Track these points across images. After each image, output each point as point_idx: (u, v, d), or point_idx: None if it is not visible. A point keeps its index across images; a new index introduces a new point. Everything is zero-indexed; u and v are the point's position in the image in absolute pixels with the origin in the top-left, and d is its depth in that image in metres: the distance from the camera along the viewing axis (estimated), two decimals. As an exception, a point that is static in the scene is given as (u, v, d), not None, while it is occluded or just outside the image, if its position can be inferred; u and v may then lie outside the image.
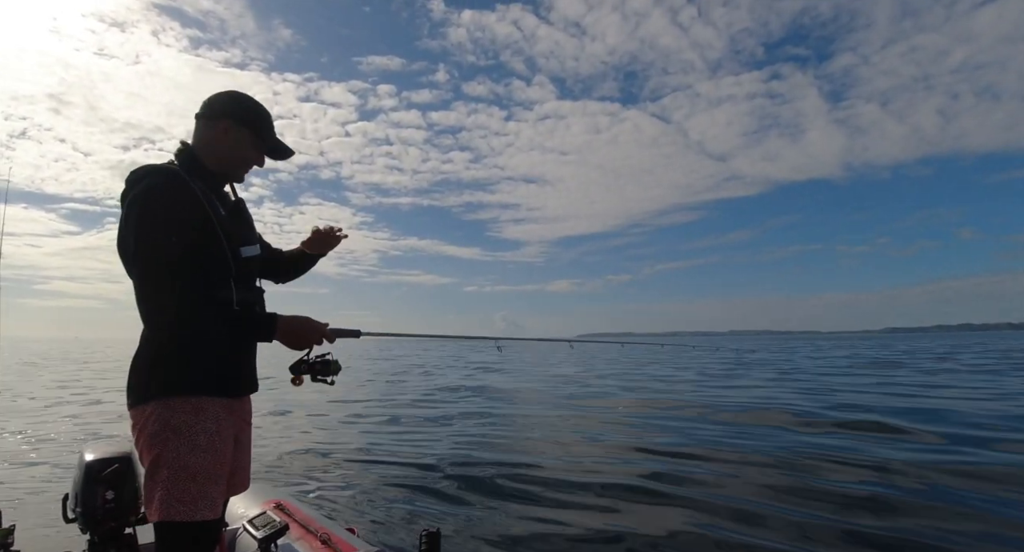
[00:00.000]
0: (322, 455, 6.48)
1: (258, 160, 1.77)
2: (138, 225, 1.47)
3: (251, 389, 1.76)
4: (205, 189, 1.61)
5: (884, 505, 4.29)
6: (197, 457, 1.48)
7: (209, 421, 1.53)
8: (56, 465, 5.92)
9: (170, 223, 1.47)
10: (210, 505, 1.49)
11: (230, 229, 1.63)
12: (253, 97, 1.75)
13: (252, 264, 1.73)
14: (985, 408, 9.23)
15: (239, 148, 1.70)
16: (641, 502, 4.52)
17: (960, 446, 6.32)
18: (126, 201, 1.52)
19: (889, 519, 3.99)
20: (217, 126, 1.67)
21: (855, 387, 13.25)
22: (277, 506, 2.48)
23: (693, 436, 7.27)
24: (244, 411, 1.75)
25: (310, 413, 9.92)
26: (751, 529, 3.88)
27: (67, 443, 7.25)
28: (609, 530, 3.91)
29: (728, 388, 13.71)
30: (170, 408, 1.49)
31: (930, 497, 4.47)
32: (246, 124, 1.69)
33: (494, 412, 10.03)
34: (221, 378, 1.60)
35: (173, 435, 1.47)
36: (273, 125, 1.77)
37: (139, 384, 1.54)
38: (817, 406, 9.71)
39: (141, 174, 1.54)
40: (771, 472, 5.30)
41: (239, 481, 1.74)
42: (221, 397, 1.59)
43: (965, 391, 12.07)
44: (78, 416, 9.34)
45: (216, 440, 1.53)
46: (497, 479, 5.26)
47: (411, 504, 4.55)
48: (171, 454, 1.46)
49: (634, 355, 31.83)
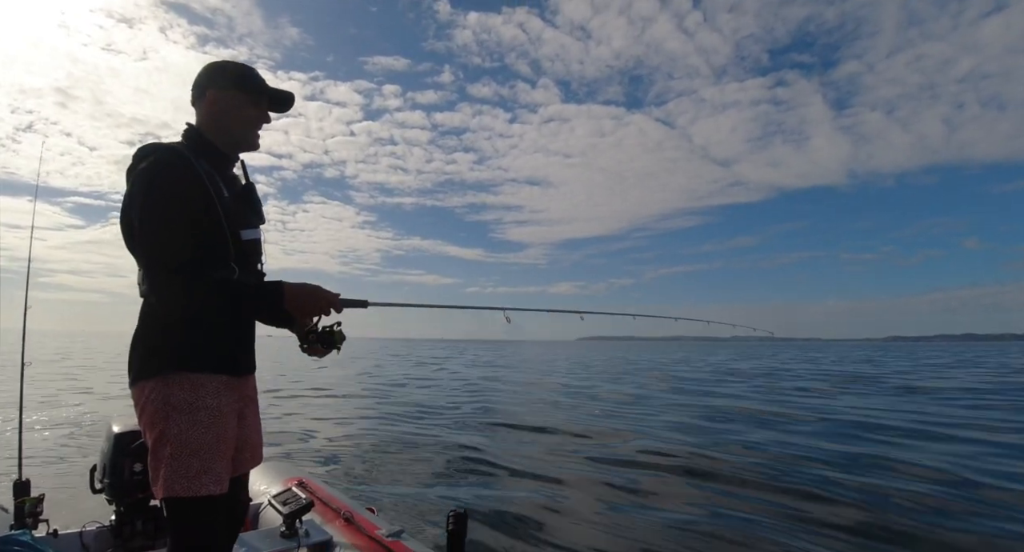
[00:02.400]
0: (344, 434, 6.69)
1: (261, 116, 1.73)
2: (141, 201, 1.47)
3: (249, 369, 1.74)
4: (210, 169, 1.61)
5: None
6: (199, 432, 1.48)
7: (209, 397, 1.52)
8: (83, 436, 6.07)
9: (171, 200, 1.47)
10: (215, 479, 1.49)
11: (232, 210, 1.62)
12: (231, 60, 1.73)
13: (252, 247, 1.70)
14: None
15: (233, 111, 1.67)
16: (676, 489, 4.55)
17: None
18: (130, 177, 1.53)
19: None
20: (206, 100, 1.66)
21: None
22: (300, 484, 2.49)
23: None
24: (247, 388, 1.74)
25: (326, 394, 10.10)
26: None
27: (92, 418, 7.43)
28: (643, 518, 3.95)
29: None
30: (169, 385, 1.49)
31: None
32: (231, 86, 1.66)
33: (510, 401, 10.10)
34: (220, 355, 1.59)
35: (174, 412, 1.47)
36: (260, 77, 1.72)
37: (138, 362, 1.54)
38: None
39: (148, 151, 1.54)
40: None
41: (250, 457, 1.74)
42: (220, 374, 1.58)
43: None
44: (98, 393, 9.64)
45: (217, 416, 1.53)
46: (519, 465, 5.32)
47: (429, 486, 4.59)
48: (173, 430, 1.46)
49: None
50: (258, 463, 1.79)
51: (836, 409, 9.88)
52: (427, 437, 6.76)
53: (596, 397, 11.58)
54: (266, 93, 1.73)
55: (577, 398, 11.26)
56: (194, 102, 1.69)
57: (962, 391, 13.36)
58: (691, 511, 4.15)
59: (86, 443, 5.76)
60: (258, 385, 1.82)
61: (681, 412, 9.48)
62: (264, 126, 1.77)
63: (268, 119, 1.75)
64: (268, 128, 1.81)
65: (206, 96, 1.66)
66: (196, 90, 1.68)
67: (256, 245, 1.72)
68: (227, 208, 1.59)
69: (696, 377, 18.83)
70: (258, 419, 1.81)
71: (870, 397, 11.99)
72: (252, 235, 1.69)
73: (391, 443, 6.33)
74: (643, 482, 4.86)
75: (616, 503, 4.32)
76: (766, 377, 18.92)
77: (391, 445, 6.17)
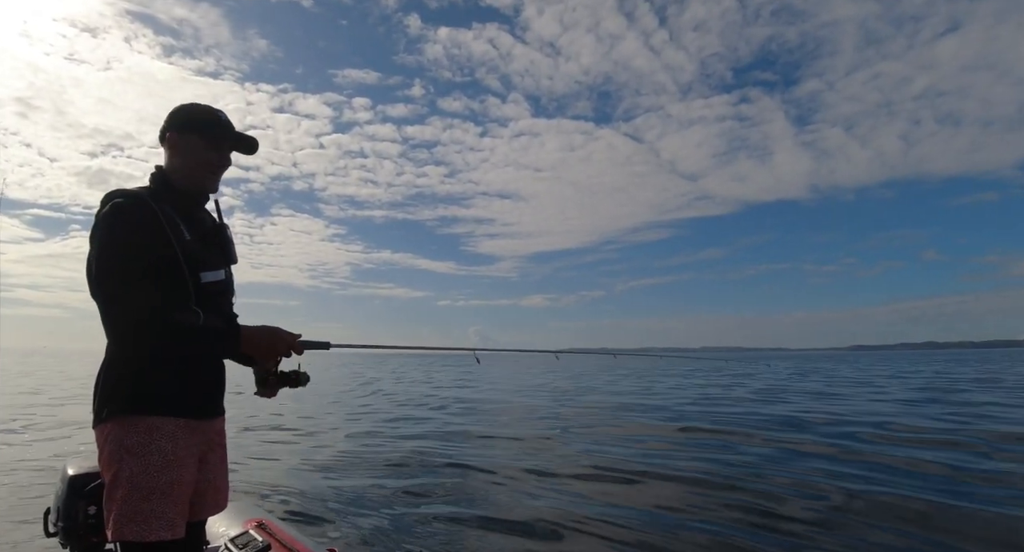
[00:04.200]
0: (301, 473, 6.38)
1: (219, 161, 1.73)
2: (99, 246, 1.49)
3: (214, 412, 1.72)
4: (171, 212, 1.60)
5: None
6: (151, 477, 1.48)
7: (164, 440, 1.52)
8: (38, 477, 5.78)
9: (129, 246, 1.48)
10: (166, 525, 1.47)
11: (192, 253, 1.61)
12: (197, 103, 1.75)
13: (216, 288, 1.69)
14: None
15: (192, 155, 1.68)
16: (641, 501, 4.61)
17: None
18: (94, 223, 1.54)
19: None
20: (169, 143, 1.69)
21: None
22: (259, 525, 2.47)
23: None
24: (212, 432, 1.72)
25: (285, 429, 9.76)
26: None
27: (48, 457, 7.07)
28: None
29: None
30: (125, 428, 1.50)
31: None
32: (190, 130, 1.68)
33: (478, 429, 9.97)
34: (178, 398, 1.58)
35: (127, 455, 1.48)
36: (224, 122, 1.73)
37: (99, 404, 1.56)
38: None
39: (110, 196, 1.56)
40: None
41: (212, 501, 1.73)
42: (178, 417, 1.56)
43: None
44: (56, 425, 9.20)
45: (172, 460, 1.52)
46: (484, 498, 5.22)
47: (392, 523, 4.50)
48: (126, 473, 1.47)
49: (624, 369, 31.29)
50: (222, 509, 1.78)
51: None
52: (395, 470, 6.54)
53: (560, 416, 11.59)
54: (228, 138, 1.74)
55: (544, 421, 11.26)
56: (161, 142, 1.73)
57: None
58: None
59: (40, 484, 5.48)
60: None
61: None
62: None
63: (228, 163, 1.76)
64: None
65: (168, 139, 1.69)
66: (161, 132, 1.72)
67: (220, 286, 1.71)
68: (187, 251, 1.59)
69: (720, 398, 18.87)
70: (224, 463, 1.80)
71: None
72: (214, 277, 1.68)
73: (351, 478, 6.08)
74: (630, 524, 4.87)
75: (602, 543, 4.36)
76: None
77: (351, 481, 5.95)
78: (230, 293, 1.79)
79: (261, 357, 1.68)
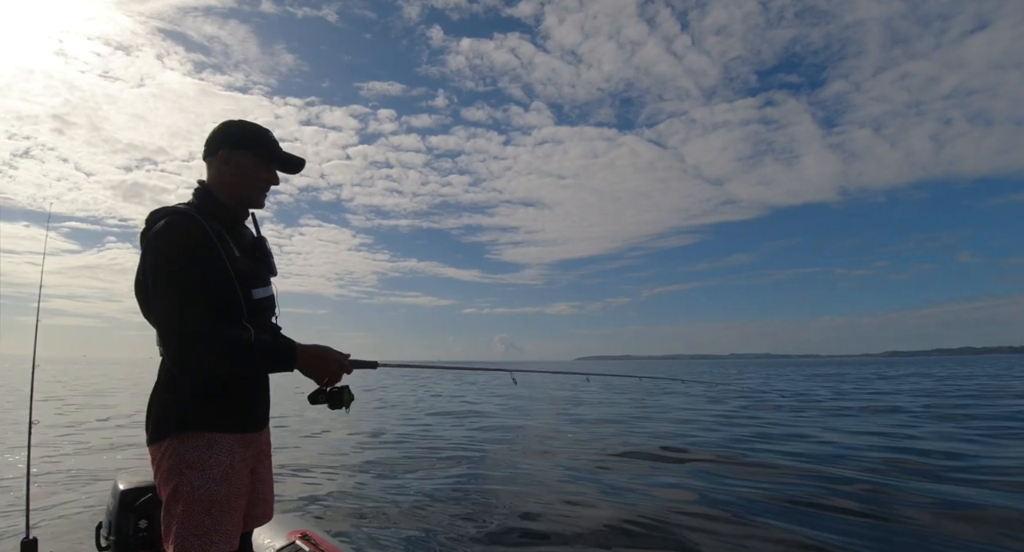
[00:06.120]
0: (347, 485, 6.32)
1: (269, 178, 1.75)
2: (154, 266, 1.49)
3: (263, 423, 1.76)
4: (219, 228, 1.61)
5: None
6: (210, 490, 1.50)
7: (223, 455, 1.55)
8: (89, 494, 5.84)
9: (183, 265, 1.48)
10: (225, 538, 1.50)
11: (243, 270, 1.62)
12: (245, 119, 1.74)
13: (266, 304, 1.72)
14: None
15: (243, 172, 1.69)
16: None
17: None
18: (143, 241, 1.55)
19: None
20: (218, 159, 1.68)
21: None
22: (304, 537, 2.50)
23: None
24: (261, 443, 1.75)
25: (332, 444, 9.64)
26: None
27: (99, 469, 7.14)
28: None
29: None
30: (184, 444, 1.51)
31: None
32: (242, 146, 1.68)
33: (534, 447, 9.28)
34: (234, 413, 1.61)
35: (187, 469, 1.50)
36: (273, 140, 1.75)
37: (156, 421, 1.57)
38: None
39: (160, 215, 1.57)
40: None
41: (260, 513, 1.74)
42: (234, 432, 1.59)
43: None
44: (107, 438, 9.37)
45: (230, 473, 1.55)
46: (539, 516, 5.00)
47: (438, 538, 4.42)
48: (186, 488, 1.49)
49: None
50: (268, 520, 1.79)
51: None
52: (440, 482, 6.40)
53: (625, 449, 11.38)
54: (277, 157, 1.76)
55: (585, 432, 11.08)
56: (206, 157, 1.73)
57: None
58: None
59: (93, 498, 5.56)
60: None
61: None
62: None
63: (277, 181, 1.78)
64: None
65: (219, 155, 1.68)
66: (209, 146, 1.71)
67: (269, 301, 1.74)
68: (239, 268, 1.61)
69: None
70: (270, 473, 1.83)
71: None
72: (264, 293, 1.71)
73: (399, 490, 6.01)
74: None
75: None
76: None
77: (397, 493, 5.88)
78: (274, 306, 1.81)
79: (313, 376, 1.69)
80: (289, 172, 1.83)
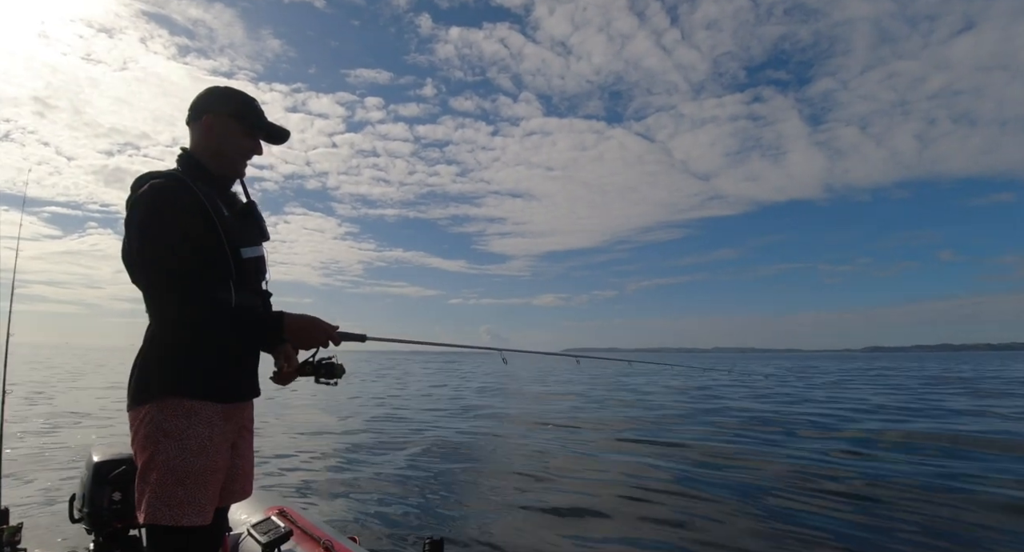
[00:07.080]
0: (324, 463, 6.48)
1: (252, 146, 1.72)
2: (141, 228, 1.46)
3: (252, 394, 1.72)
4: (208, 190, 1.59)
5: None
6: (187, 461, 1.46)
7: (202, 426, 1.50)
8: (64, 466, 5.88)
9: (172, 225, 1.45)
10: (197, 511, 1.46)
11: (232, 228, 1.60)
12: (232, 87, 1.71)
13: (254, 265, 1.67)
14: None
15: (227, 138, 1.66)
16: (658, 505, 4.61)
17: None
18: (129, 205, 1.51)
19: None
20: (202, 124, 1.64)
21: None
22: (280, 513, 2.49)
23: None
24: (244, 417, 1.71)
25: (310, 420, 9.85)
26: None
27: (74, 441, 7.20)
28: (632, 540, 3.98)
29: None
30: (164, 411, 1.47)
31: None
32: (228, 114, 1.65)
33: (498, 423, 9.99)
34: (218, 383, 1.56)
35: (164, 438, 1.45)
36: (259, 109, 1.72)
37: (137, 386, 1.52)
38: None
39: (144, 179, 1.53)
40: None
41: (239, 488, 1.71)
42: (217, 402, 1.55)
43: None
44: (78, 415, 9.43)
45: (208, 445, 1.50)
46: (503, 488, 5.29)
47: (413, 513, 4.55)
48: (161, 457, 1.45)
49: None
50: (247, 496, 1.75)
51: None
52: (415, 460, 6.66)
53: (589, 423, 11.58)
54: (263, 126, 1.73)
55: (570, 417, 11.25)
56: (189, 122, 1.69)
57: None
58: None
59: (66, 470, 5.60)
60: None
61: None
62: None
63: (260, 151, 1.75)
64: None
65: (202, 120, 1.65)
66: (193, 111, 1.67)
67: (258, 263, 1.71)
68: (227, 226, 1.58)
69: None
70: (251, 449, 1.79)
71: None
72: (253, 253, 1.67)
73: (372, 467, 6.20)
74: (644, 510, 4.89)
75: (615, 529, 4.37)
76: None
77: (372, 469, 6.06)
78: (264, 270, 1.76)
79: (301, 346, 1.66)
80: (273, 143, 1.80)
